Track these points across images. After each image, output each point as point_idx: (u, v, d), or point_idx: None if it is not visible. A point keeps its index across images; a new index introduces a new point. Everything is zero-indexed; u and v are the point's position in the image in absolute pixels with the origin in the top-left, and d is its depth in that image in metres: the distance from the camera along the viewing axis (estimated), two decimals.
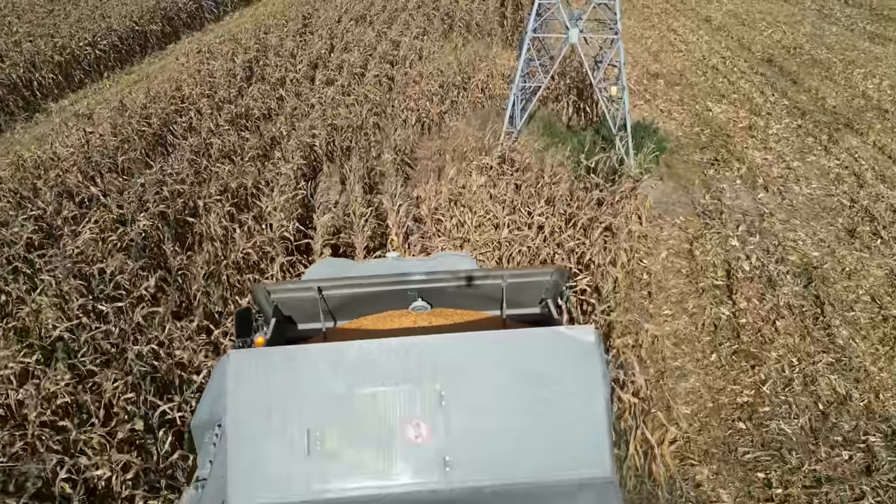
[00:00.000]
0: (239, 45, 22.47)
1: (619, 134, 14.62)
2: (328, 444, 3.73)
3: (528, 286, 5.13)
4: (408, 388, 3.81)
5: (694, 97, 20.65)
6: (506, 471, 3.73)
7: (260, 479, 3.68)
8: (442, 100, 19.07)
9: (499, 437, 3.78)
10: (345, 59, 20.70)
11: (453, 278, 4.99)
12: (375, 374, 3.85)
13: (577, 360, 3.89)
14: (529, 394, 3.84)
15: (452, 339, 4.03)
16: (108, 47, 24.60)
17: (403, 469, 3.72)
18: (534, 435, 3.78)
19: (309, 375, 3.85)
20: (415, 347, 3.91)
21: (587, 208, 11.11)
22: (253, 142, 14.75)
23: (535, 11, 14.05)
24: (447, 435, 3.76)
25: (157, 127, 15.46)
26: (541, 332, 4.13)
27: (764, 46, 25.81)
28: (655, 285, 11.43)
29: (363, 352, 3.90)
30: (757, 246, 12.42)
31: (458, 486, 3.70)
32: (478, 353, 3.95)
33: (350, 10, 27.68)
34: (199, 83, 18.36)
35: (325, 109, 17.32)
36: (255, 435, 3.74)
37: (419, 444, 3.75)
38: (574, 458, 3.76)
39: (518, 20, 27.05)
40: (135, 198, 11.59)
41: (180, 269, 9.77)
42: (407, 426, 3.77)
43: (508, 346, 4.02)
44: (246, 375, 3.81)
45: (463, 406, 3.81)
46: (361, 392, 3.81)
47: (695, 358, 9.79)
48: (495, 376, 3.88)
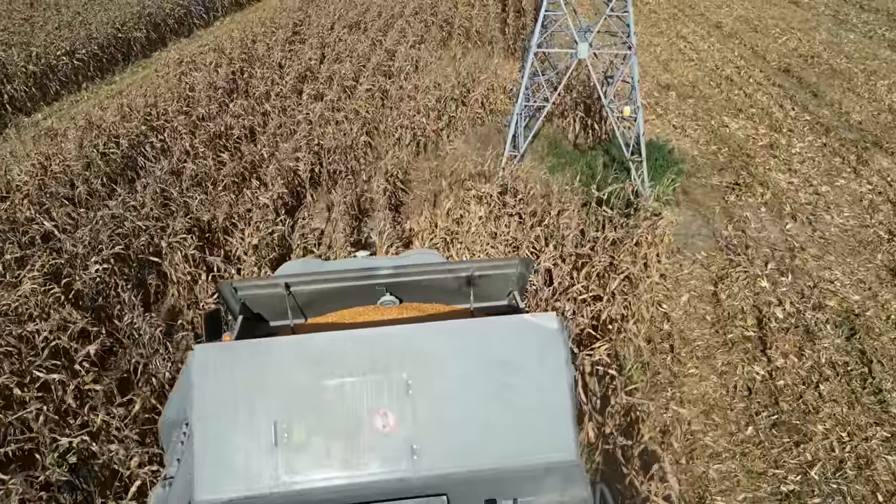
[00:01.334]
0: (223, 55, 21.14)
1: (632, 158, 13.28)
2: (296, 435, 3.69)
3: (495, 278, 5.06)
4: (375, 378, 3.80)
5: (709, 111, 19.31)
6: (473, 457, 3.74)
7: (227, 473, 3.63)
8: (439, 115, 17.75)
9: (465, 424, 3.78)
10: (336, 71, 19.37)
11: (421, 272, 4.92)
12: (342, 365, 3.82)
13: (542, 346, 3.92)
14: (495, 381, 3.85)
15: (418, 328, 4.03)
16: (87, 56, 23.28)
17: (371, 458, 3.70)
18: (500, 421, 3.79)
19: (275, 368, 3.80)
20: (381, 337, 3.92)
21: (601, 250, 9.77)
22: (230, 166, 13.41)
23: (540, 24, 12.72)
24: (414, 423, 3.75)
25: (126, 149, 14.12)
26: (505, 320, 4.09)
27: (779, 55, 24.47)
28: (678, 336, 10.09)
29: (329, 343, 3.90)
30: (790, 288, 11.09)
31: (426, 474, 3.69)
32: (444, 342, 3.94)
33: (344, 16, 26.35)
34: (176, 98, 17.03)
35: (312, 128, 15.99)
36: (222, 429, 3.69)
37: (387, 434, 3.73)
38: (539, 442, 3.78)
39: (520, 27, 25.74)
40: (91, 236, 10.25)
41: (131, 328, 8.43)
42: (374, 416, 3.75)
43: (474, 334, 4.02)
44: (211, 370, 3.76)
45: (430, 395, 3.80)
46: (328, 383, 3.78)
47: (728, 431, 8.45)
48: (461, 364, 3.87)
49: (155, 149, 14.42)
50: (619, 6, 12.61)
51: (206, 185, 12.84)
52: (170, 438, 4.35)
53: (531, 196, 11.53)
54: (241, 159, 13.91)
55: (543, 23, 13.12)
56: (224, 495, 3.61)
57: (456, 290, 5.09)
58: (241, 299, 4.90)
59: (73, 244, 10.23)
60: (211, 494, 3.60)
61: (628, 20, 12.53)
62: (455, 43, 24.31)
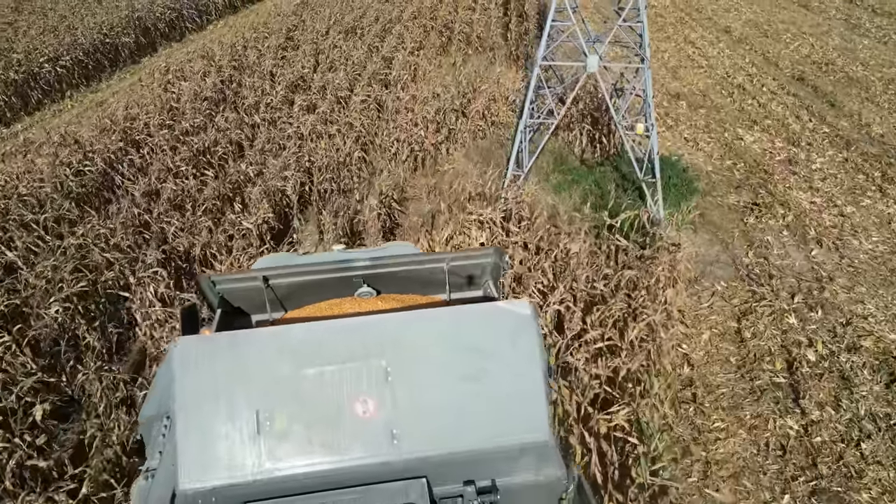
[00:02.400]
0: (212, 62, 20.18)
1: (645, 179, 12.33)
2: (277, 424, 3.73)
3: (470, 268, 5.16)
4: (354, 366, 3.88)
5: (721, 122, 18.37)
6: (451, 440, 3.82)
7: (210, 462, 3.67)
8: (438, 128, 16.81)
9: (443, 408, 3.87)
10: (329, 80, 18.42)
11: (397, 263, 5.01)
12: (321, 354, 3.88)
13: (515, 332, 4.01)
14: (471, 366, 3.94)
15: (395, 317, 4.13)
16: (71, 63, 22.33)
17: (353, 444, 3.77)
18: (476, 405, 3.88)
19: (255, 358, 3.85)
20: (359, 326, 4.01)
21: (615, 287, 8.82)
22: (213, 186, 12.46)
23: (547, 35, 11.77)
24: (394, 409, 3.83)
25: (102, 166, 13.18)
26: (479, 308, 4.20)
27: (792, 62, 23.53)
28: (700, 382, 9.15)
29: (308, 333, 3.97)
30: (820, 325, 10.15)
31: (406, 457, 3.78)
32: (420, 330, 4.03)
33: (340, 21, 25.40)
34: (160, 110, 16.07)
35: (304, 143, 15.04)
36: (204, 419, 3.72)
37: (367, 420, 3.81)
38: (515, 424, 3.87)
39: (522, 32, 24.79)
40: (52, 270, 9.31)
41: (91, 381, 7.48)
42: (354, 402, 3.82)
43: (449, 321, 4.11)
44: (192, 362, 3.80)
45: (408, 381, 3.88)
46: (308, 372, 3.84)
47: (761, 501, 7.50)
48: (438, 351, 3.96)
49: (134, 166, 13.48)
50: (631, 16, 11.66)
51: (186, 207, 11.89)
52: (150, 433, 4.37)
53: (537, 223, 10.57)
54: (225, 179, 12.96)
55: (550, 34, 12.17)
56: (208, 483, 3.64)
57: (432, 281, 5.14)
58: (219, 293, 4.90)
59: (34, 278, 9.28)
60: (195, 483, 3.63)
61: (642, 31, 11.59)
62: (455, 49, 23.37)
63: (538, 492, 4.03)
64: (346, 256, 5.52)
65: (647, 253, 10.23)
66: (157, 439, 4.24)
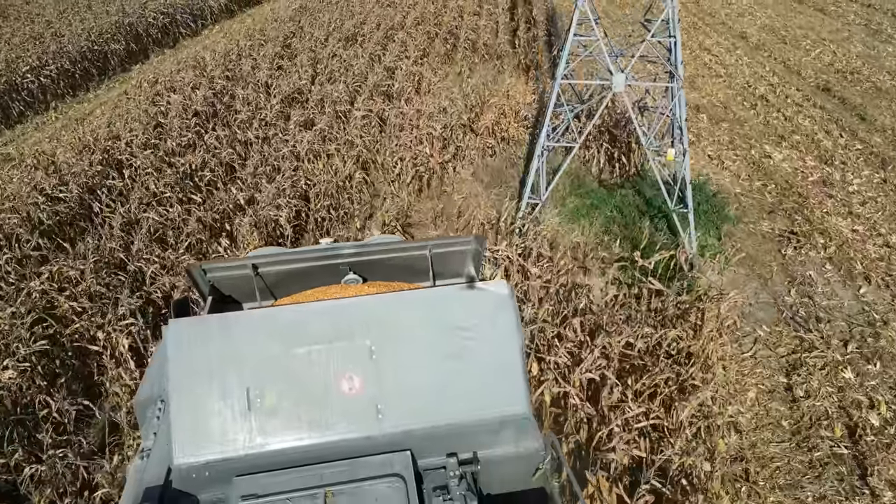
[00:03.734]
0: (204, 73, 19.02)
1: (676, 209, 11.18)
2: (267, 401, 3.88)
3: (453, 255, 5.25)
4: (340, 345, 4.03)
5: (746, 138, 17.21)
6: (433, 414, 3.99)
7: (203, 438, 3.81)
8: (445, 145, 15.66)
9: (426, 384, 4.03)
10: (328, 93, 17.25)
11: (382, 250, 5.15)
12: (309, 335, 4.03)
13: (494, 311, 4.21)
14: (452, 344, 4.12)
15: (379, 298, 4.35)
16: (56, 72, 21.17)
17: (339, 419, 3.92)
18: (457, 380, 4.06)
19: (246, 339, 4.00)
20: (345, 308, 4.19)
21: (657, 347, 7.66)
22: (199, 216, 11.31)
23: (567, 50, 10.61)
24: (378, 386, 3.99)
25: (78, 193, 12.02)
26: (460, 288, 4.35)
27: (815, 70, 22.37)
28: (750, 452, 7.98)
29: (296, 314, 4.16)
30: (880, 380, 9.00)
31: (391, 431, 3.95)
32: (403, 310, 4.20)
33: (339, 28, 24.23)
34: (145, 127, 14.91)
35: (300, 163, 13.89)
36: (197, 398, 3.86)
37: (353, 396, 3.96)
38: (494, 398, 4.07)
39: (531, 39, 23.63)
40: (7, 322, 8.15)
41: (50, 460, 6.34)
42: (341, 380, 3.97)
43: (431, 302, 4.30)
44: (185, 343, 3.94)
45: (392, 359, 4.04)
46: (297, 351, 3.99)
47: None
48: (420, 330, 4.13)
49: (114, 192, 12.31)
50: (661, 29, 10.51)
51: (168, 240, 10.74)
52: (145, 415, 4.45)
53: (560, 263, 9.41)
54: (212, 207, 11.80)
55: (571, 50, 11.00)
56: (201, 458, 3.78)
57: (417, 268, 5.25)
58: (209, 281, 4.96)
59: None
60: (189, 458, 3.78)
61: (673, 46, 10.44)
62: (460, 57, 22.21)
63: (517, 463, 4.16)
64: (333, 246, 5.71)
65: (687, 299, 9.06)
66: (151, 421, 4.35)
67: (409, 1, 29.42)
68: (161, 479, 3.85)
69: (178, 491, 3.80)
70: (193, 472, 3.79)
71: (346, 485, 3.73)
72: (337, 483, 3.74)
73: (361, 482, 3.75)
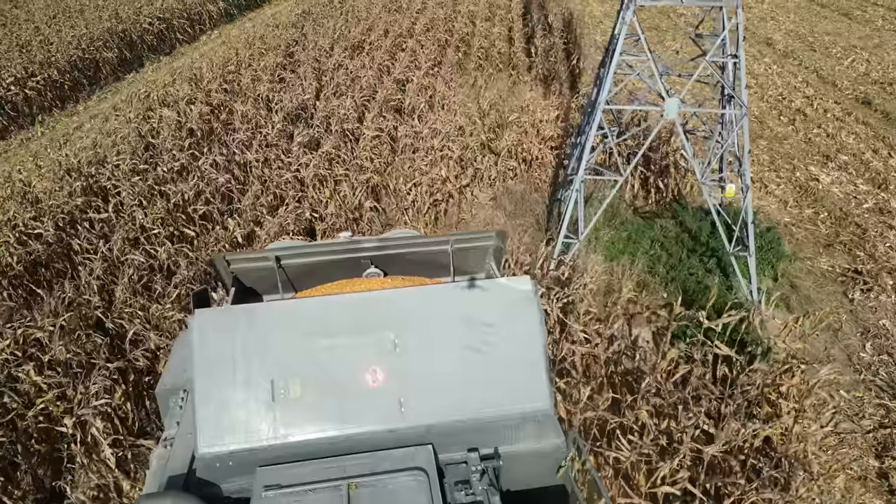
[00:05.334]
0: (199, 85, 17.67)
1: (735, 252, 9.82)
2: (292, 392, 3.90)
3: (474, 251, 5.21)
4: (364, 338, 4.03)
5: (788, 157, 15.85)
6: (455, 408, 4.00)
7: (228, 427, 3.83)
8: (462, 167, 14.32)
9: (448, 378, 4.03)
10: (334, 109, 15.90)
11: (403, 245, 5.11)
12: (333, 327, 4.04)
13: (517, 307, 4.19)
14: (475, 339, 4.10)
15: (403, 291, 4.36)
16: (43, 83, 19.83)
17: (362, 412, 3.92)
18: (480, 375, 4.06)
19: (270, 330, 4.01)
20: (369, 301, 4.18)
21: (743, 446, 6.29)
22: (189, 260, 9.95)
23: (611, 72, 9.23)
24: (401, 379, 3.99)
25: (54, 231, 10.66)
26: (483, 283, 4.32)
27: (851, 81, 21.01)
28: None
29: (321, 306, 4.18)
30: None
31: (413, 425, 3.94)
32: (427, 304, 4.21)
33: (345, 35, 22.86)
34: (134, 150, 13.55)
35: (305, 190, 12.55)
36: (222, 387, 3.87)
37: (376, 389, 3.95)
38: (516, 394, 4.06)
39: (548, 47, 22.24)
40: None
41: None
42: (364, 373, 3.97)
43: (454, 296, 4.26)
44: (211, 333, 3.96)
45: (415, 352, 4.05)
46: (321, 343, 4.01)
47: None
48: (444, 324, 4.13)
49: (96, 226, 10.96)
50: (718, 47, 9.16)
51: (154, 288, 9.39)
52: (167, 404, 4.53)
53: (613, 326, 8.03)
54: (206, 246, 10.46)
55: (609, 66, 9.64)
56: (226, 447, 3.82)
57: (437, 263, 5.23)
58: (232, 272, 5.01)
59: None
60: (213, 447, 3.81)
61: (732, 66, 9.09)
62: (473, 66, 20.84)
63: (539, 459, 4.07)
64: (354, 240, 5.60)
65: (763, 367, 7.69)
66: (173, 410, 4.44)
67: (417, 6, 28.08)
68: (184, 468, 3.88)
69: (202, 480, 3.81)
70: (217, 462, 3.79)
71: (369, 477, 3.71)
72: (359, 476, 3.72)
73: (384, 475, 3.72)
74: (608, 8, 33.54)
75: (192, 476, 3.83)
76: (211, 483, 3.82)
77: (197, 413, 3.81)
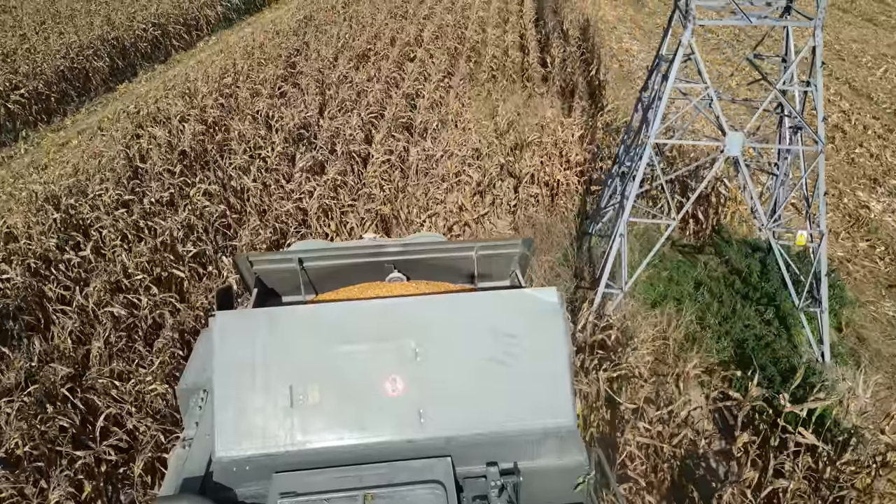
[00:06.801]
0: (193, 101, 16.41)
1: (805, 307, 8.56)
2: (310, 398, 3.84)
3: (498, 257, 5.12)
4: (384, 346, 3.96)
5: (833, 181, 14.58)
6: (476, 422, 3.89)
7: (246, 432, 3.79)
8: (480, 193, 13.08)
9: (469, 390, 3.94)
10: (340, 127, 14.65)
11: (427, 250, 5.07)
12: (354, 333, 3.98)
13: (542, 318, 4.09)
14: (498, 350, 4.00)
15: (426, 299, 4.26)
16: (28, 96, 18.57)
17: (381, 421, 3.85)
18: (502, 388, 3.95)
19: (291, 335, 3.97)
20: (391, 308, 4.12)
21: None
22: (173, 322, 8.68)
23: (663, 102, 7.97)
24: (421, 389, 3.90)
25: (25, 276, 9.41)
26: (507, 293, 4.33)
27: (886, 93, 19.79)
28: None
29: (342, 312, 4.10)
30: None
31: (432, 436, 3.85)
32: (449, 313, 4.12)
33: (349, 43, 21.59)
34: (120, 178, 12.29)
35: (307, 223, 11.31)
36: (241, 391, 3.84)
37: (395, 398, 3.88)
38: (539, 408, 3.93)
39: (564, 56, 20.97)
40: None
41: None
42: (384, 381, 3.89)
43: (477, 306, 4.20)
44: (231, 335, 3.92)
45: (436, 362, 3.95)
46: (341, 349, 3.93)
47: None
48: (466, 334, 4.04)
49: (73, 271, 9.71)
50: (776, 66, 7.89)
51: (136, 349, 8.14)
52: (187, 404, 4.51)
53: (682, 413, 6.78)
54: (196, 292, 9.21)
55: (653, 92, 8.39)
56: (243, 452, 3.76)
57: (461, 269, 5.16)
58: (255, 273, 4.94)
59: None
60: (231, 451, 3.75)
61: (803, 96, 7.84)
62: (485, 77, 19.59)
63: (560, 476, 3.98)
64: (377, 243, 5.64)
65: (854, 458, 6.44)
66: (193, 410, 4.43)
67: (423, 11, 26.81)
68: (201, 471, 3.87)
69: (218, 483, 3.78)
70: (234, 466, 3.75)
71: (386, 488, 3.64)
72: (376, 486, 3.65)
73: (401, 486, 3.65)
74: (621, 13, 32.26)
75: (209, 479, 3.81)
76: (227, 487, 3.78)
77: (215, 417, 3.77)
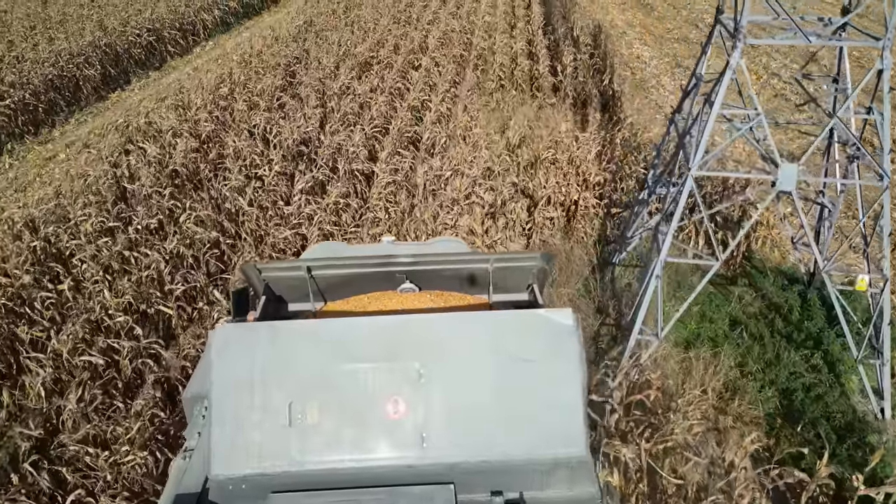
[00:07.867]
0: (186, 113, 15.51)
1: (864, 358, 7.67)
2: (309, 417, 3.73)
3: (515, 270, 5.00)
4: (388, 366, 3.83)
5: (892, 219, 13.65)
6: (482, 448, 3.74)
7: (242, 450, 3.68)
8: (492, 216, 12.19)
9: (476, 414, 3.78)
10: (342, 143, 13.76)
11: (440, 261, 4.96)
12: (357, 351, 3.86)
13: (556, 342, 3.91)
14: (507, 373, 3.84)
15: (433, 318, 4.11)
16: (13, 107, 17.69)
17: (381, 444, 3.73)
18: (510, 413, 3.78)
19: (293, 350, 3.86)
20: (396, 326, 4.01)
21: None
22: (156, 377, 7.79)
23: (708, 129, 7.09)
24: (425, 412, 3.77)
25: None
26: (520, 314, 4.19)
27: None
28: None
29: (346, 329, 4.01)
30: None
31: (434, 462, 3.71)
32: (457, 333, 3.96)
33: (351, 51, 20.71)
34: (103, 202, 11.38)
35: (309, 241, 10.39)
36: (238, 408, 3.73)
37: (397, 420, 3.75)
38: (550, 437, 3.75)
39: (576, 65, 20.08)
40: None
41: None
42: (386, 402, 3.76)
43: (488, 326, 4.04)
44: (231, 349, 3.82)
45: (441, 384, 3.81)
46: (343, 367, 3.82)
47: None
48: (474, 356, 3.88)
49: (46, 313, 8.82)
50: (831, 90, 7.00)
51: (116, 406, 7.24)
52: (192, 412, 4.41)
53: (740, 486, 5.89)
54: (183, 335, 8.32)
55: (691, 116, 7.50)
56: (238, 471, 3.66)
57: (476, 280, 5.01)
58: (264, 280, 4.87)
59: None
60: (226, 470, 3.66)
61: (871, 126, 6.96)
62: (494, 87, 18.71)
63: None
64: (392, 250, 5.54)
65: None
66: (196, 419, 4.33)
67: (428, 17, 25.93)
68: (198, 487, 3.78)
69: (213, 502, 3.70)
70: (230, 485, 3.66)
71: None
72: None
73: None
74: (630, 17, 31.40)
75: (205, 496, 3.72)
76: None
77: (212, 434, 3.67)
